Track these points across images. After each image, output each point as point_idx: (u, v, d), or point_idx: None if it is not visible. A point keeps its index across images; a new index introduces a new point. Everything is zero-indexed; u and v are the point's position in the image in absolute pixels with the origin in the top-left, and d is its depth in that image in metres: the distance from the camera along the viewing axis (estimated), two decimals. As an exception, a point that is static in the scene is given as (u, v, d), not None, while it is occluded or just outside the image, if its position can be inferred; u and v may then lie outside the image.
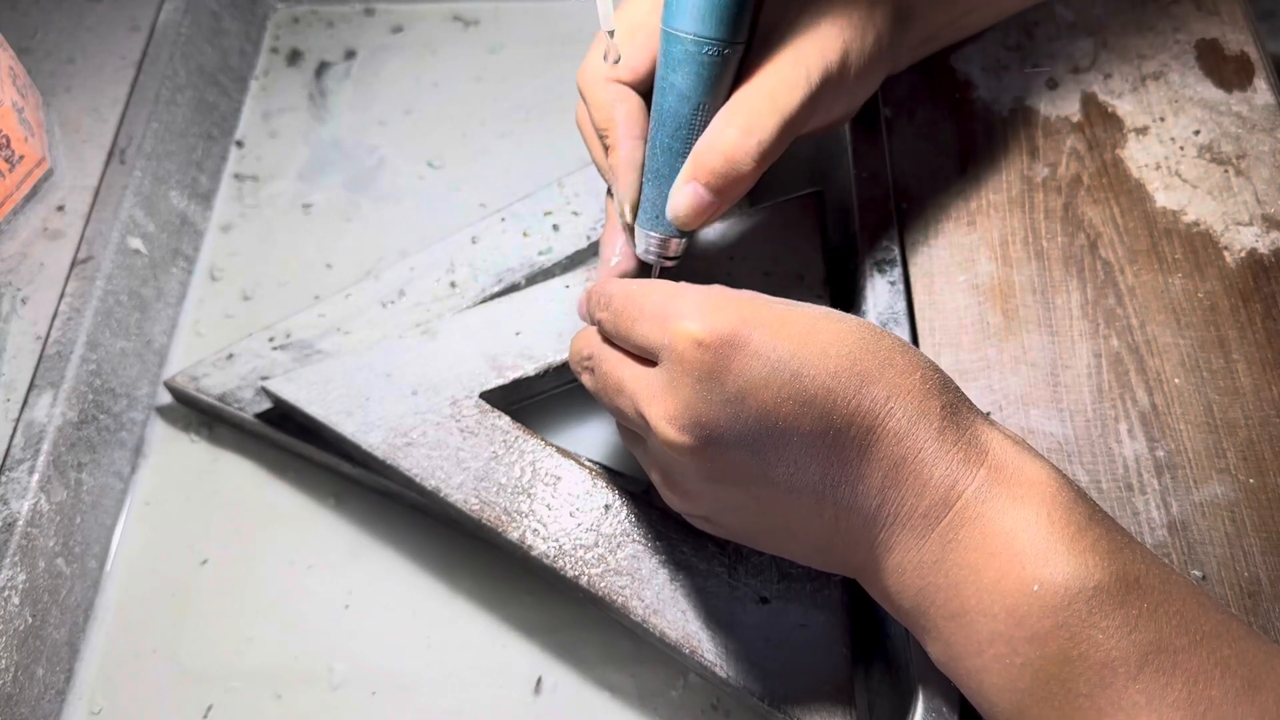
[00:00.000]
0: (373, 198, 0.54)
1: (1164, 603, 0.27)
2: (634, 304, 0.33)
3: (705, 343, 0.29)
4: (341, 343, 0.45)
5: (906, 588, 0.30)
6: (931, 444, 0.29)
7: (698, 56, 0.34)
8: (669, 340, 0.30)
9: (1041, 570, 0.27)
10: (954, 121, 0.46)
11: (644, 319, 0.32)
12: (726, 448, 0.30)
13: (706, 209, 0.36)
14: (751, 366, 0.29)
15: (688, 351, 0.29)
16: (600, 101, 0.37)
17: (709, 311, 0.30)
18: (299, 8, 0.61)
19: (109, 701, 0.42)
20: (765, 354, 0.29)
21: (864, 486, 0.29)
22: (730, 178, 0.35)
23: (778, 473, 0.30)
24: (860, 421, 0.29)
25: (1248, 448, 0.37)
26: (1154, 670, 0.26)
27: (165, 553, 0.45)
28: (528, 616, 0.43)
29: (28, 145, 0.45)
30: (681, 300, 0.31)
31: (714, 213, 0.36)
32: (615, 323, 0.33)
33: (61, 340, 0.43)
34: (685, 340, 0.30)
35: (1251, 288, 0.40)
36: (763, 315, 0.30)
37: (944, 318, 0.41)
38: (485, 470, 0.40)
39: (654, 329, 0.31)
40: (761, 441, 0.29)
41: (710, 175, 0.35)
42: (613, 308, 0.33)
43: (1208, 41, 0.47)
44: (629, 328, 0.32)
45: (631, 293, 0.33)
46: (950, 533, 0.28)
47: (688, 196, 0.35)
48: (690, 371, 0.30)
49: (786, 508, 0.31)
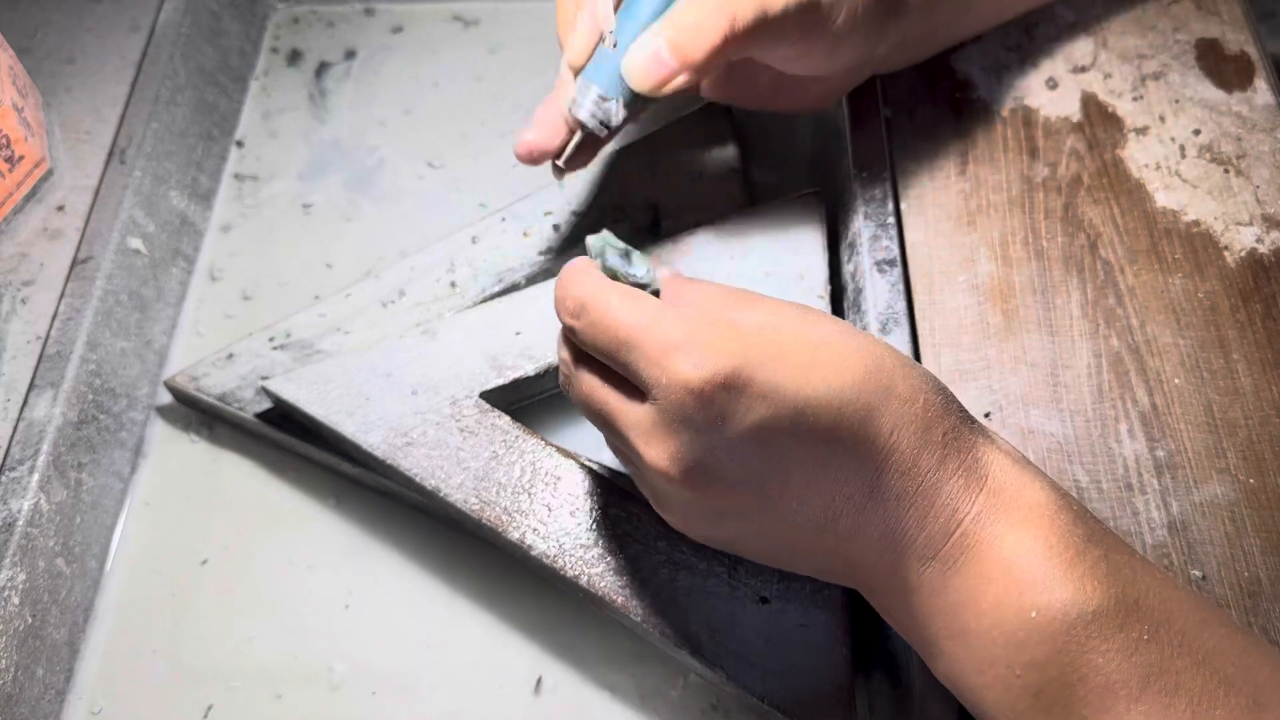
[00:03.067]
0: (373, 198, 0.54)
1: (1165, 623, 0.27)
2: (611, 323, 0.29)
3: (704, 392, 0.27)
4: (341, 343, 0.45)
5: (908, 610, 0.30)
6: (934, 474, 0.29)
7: None
8: (665, 383, 0.28)
9: (1039, 597, 0.27)
10: (954, 121, 0.46)
11: (632, 349, 0.29)
12: (729, 486, 0.29)
13: (663, 73, 0.35)
14: (754, 409, 0.28)
15: (684, 399, 0.28)
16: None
17: (707, 353, 0.28)
18: (299, 8, 0.61)
19: (109, 701, 0.42)
20: (767, 395, 0.27)
21: (867, 517, 0.29)
22: (696, 47, 0.35)
23: (781, 507, 0.30)
24: (864, 455, 0.28)
25: (1248, 448, 0.37)
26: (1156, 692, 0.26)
27: (165, 553, 0.45)
28: (528, 616, 0.43)
29: (28, 145, 0.45)
30: (672, 331, 0.28)
31: (667, 80, 0.35)
32: (591, 338, 0.30)
33: (61, 340, 0.43)
34: (682, 388, 0.27)
35: (1251, 288, 0.40)
36: (761, 350, 0.28)
37: (944, 318, 0.41)
38: (485, 470, 0.40)
39: (645, 366, 0.29)
40: (764, 479, 0.29)
41: (678, 36, 0.35)
42: (586, 318, 0.30)
43: (1208, 41, 0.47)
44: (610, 349, 0.30)
45: (608, 309, 0.30)
46: (950, 559, 0.28)
47: (649, 52, 0.35)
48: (690, 418, 0.28)
49: (790, 536, 0.31)
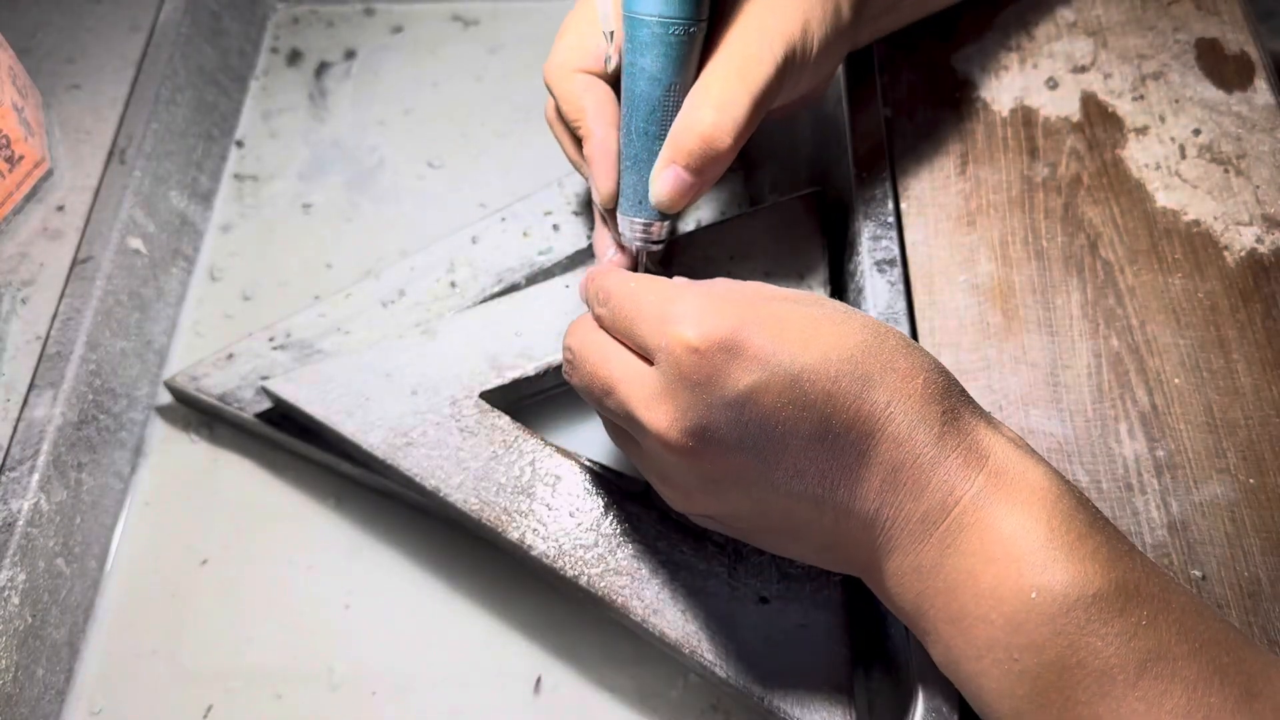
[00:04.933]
0: (373, 198, 0.54)
1: (1163, 610, 0.27)
2: (631, 301, 0.32)
3: (702, 349, 0.29)
4: (341, 343, 0.45)
5: (906, 590, 0.30)
6: (930, 449, 0.29)
7: (664, 38, 0.34)
8: (665, 344, 0.30)
9: (1040, 577, 0.27)
10: (954, 121, 0.46)
11: (641, 319, 0.31)
12: (726, 451, 0.30)
13: (688, 190, 0.36)
14: (750, 371, 0.29)
15: (684, 357, 0.29)
16: (569, 93, 0.38)
17: (706, 315, 0.29)
18: (299, 8, 0.61)
19: (109, 701, 0.42)
20: (764, 358, 0.29)
21: (863, 490, 0.29)
22: (709, 157, 0.35)
23: (778, 476, 0.30)
24: (860, 426, 0.29)
25: (1248, 448, 0.37)
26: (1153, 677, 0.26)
27: (165, 553, 0.45)
28: (528, 616, 0.43)
29: (28, 145, 0.45)
30: (679, 302, 0.30)
31: (696, 193, 0.36)
32: (613, 319, 0.33)
33: (61, 340, 0.43)
34: (681, 346, 0.29)
35: (1251, 288, 0.40)
36: (762, 317, 0.29)
37: (944, 318, 0.41)
38: (485, 470, 0.40)
39: (650, 331, 0.31)
40: (761, 445, 0.29)
41: (689, 156, 0.35)
42: (610, 304, 0.33)
43: (1208, 41, 0.47)
44: (626, 326, 0.32)
45: (630, 290, 0.33)
46: (948, 538, 0.28)
47: (669, 179, 0.36)
48: (687, 377, 0.29)
49: (788, 509, 0.31)
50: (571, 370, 0.35)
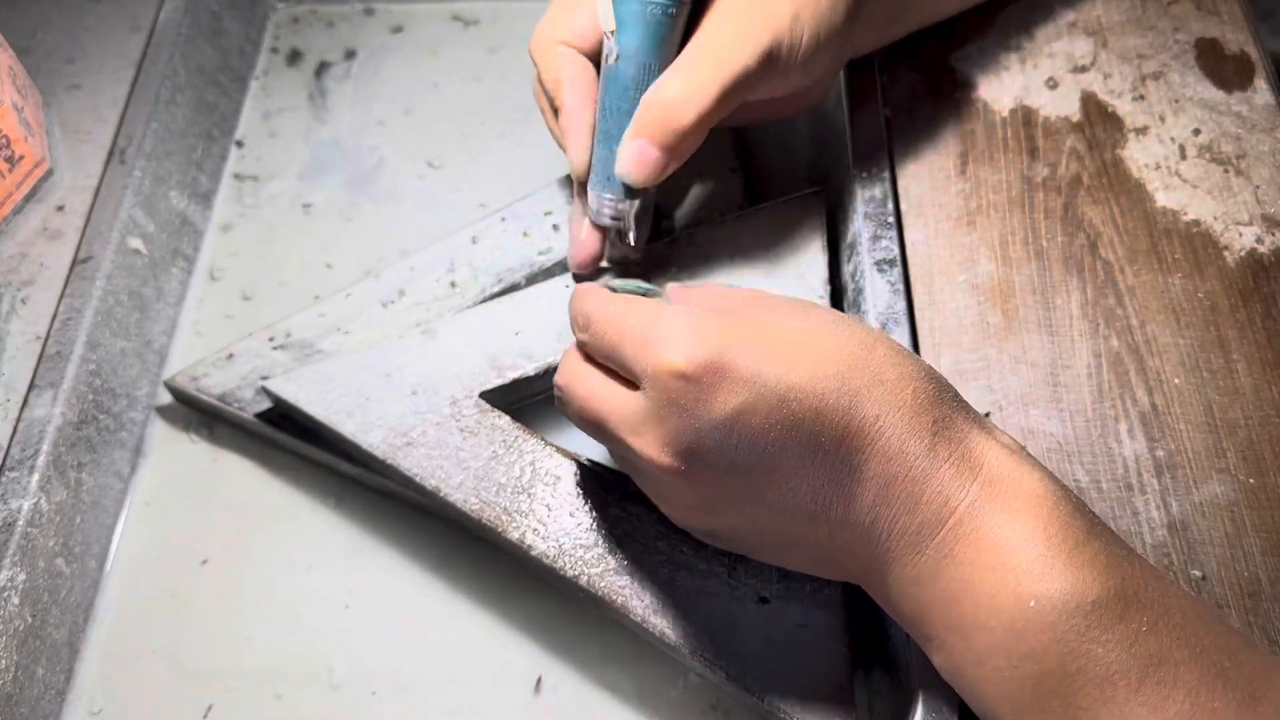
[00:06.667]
0: (373, 198, 0.54)
1: (1164, 616, 0.27)
2: (613, 326, 0.32)
3: (687, 373, 0.29)
4: (341, 343, 0.45)
5: (906, 600, 0.30)
6: (922, 461, 0.28)
7: (643, 16, 0.35)
8: (650, 370, 0.30)
9: (1038, 585, 0.27)
10: (954, 121, 0.46)
11: (624, 344, 0.31)
12: (718, 472, 0.30)
13: (651, 164, 0.36)
14: (737, 393, 0.28)
15: (669, 383, 0.29)
16: (549, 64, 0.38)
17: (689, 338, 0.29)
18: (299, 8, 0.61)
19: (109, 701, 0.42)
20: (750, 379, 0.28)
21: (857, 504, 0.29)
22: (673, 133, 0.35)
23: (771, 494, 0.30)
24: (850, 442, 0.29)
25: (1248, 448, 0.37)
26: (1155, 683, 0.26)
27: (165, 553, 0.45)
28: (528, 616, 0.43)
29: (28, 145, 0.45)
30: (659, 325, 0.30)
31: (662, 170, 0.36)
32: (596, 345, 0.33)
33: (61, 340, 0.43)
34: (666, 371, 0.29)
35: (1251, 288, 0.40)
36: (746, 336, 0.29)
37: (944, 318, 0.41)
38: (485, 470, 0.40)
39: (634, 356, 0.30)
40: (752, 465, 0.29)
41: (653, 131, 0.35)
42: (591, 329, 0.33)
43: (1208, 41, 0.47)
44: (609, 352, 0.32)
45: (610, 315, 0.32)
46: (945, 548, 0.28)
47: (634, 153, 0.36)
48: (674, 402, 0.29)
49: (783, 526, 0.31)
50: (563, 405, 0.35)
